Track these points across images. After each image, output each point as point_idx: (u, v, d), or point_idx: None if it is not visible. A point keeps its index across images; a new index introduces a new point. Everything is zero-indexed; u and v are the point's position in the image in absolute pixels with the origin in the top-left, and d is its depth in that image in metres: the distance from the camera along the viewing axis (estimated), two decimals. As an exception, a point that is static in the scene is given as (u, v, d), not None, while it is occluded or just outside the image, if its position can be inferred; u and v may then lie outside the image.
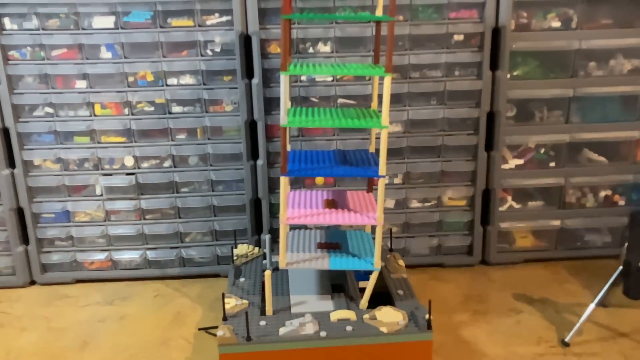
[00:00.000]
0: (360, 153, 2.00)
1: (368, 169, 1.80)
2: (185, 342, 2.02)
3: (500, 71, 2.30)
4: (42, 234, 2.43)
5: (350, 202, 1.94)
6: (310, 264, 1.81)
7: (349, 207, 1.90)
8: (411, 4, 2.24)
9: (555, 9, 2.29)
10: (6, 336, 2.10)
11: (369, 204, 1.93)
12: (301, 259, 1.83)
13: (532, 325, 2.05)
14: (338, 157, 1.95)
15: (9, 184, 2.34)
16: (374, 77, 2.02)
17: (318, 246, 1.92)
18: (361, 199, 1.98)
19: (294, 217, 1.81)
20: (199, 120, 2.34)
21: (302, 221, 1.80)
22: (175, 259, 2.47)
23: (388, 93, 1.64)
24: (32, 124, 2.31)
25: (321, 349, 1.65)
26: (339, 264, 1.80)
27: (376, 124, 1.70)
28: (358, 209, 1.88)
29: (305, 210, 1.86)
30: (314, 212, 1.85)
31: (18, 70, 2.26)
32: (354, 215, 1.81)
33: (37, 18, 2.21)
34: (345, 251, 1.88)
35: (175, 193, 2.41)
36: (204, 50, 2.28)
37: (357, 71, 1.72)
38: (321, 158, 1.94)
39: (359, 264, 1.80)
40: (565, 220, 2.50)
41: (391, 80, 2.21)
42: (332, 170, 1.81)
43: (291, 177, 1.97)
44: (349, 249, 1.90)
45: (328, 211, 1.86)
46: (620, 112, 2.42)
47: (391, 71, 1.63)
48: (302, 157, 1.94)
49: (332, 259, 1.81)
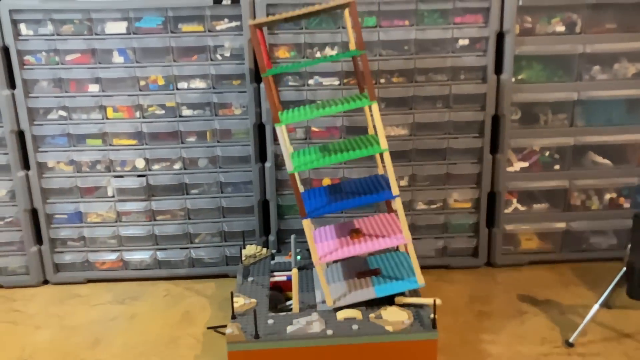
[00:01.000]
0: (369, 179, 2.04)
1: (382, 193, 1.83)
2: (194, 340, 2.06)
3: (505, 75, 2.33)
4: (55, 235, 2.48)
5: (375, 227, 1.97)
6: (356, 297, 1.82)
7: (375, 232, 1.92)
8: (417, 9, 2.28)
9: (559, 14, 2.32)
10: (21, 333, 2.15)
11: (392, 224, 1.95)
12: (346, 292, 1.85)
13: (536, 326, 2.07)
14: (350, 187, 1.98)
15: (23, 185, 2.39)
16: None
17: (358, 276, 1.95)
18: (384, 222, 2.00)
19: (326, 254, 1.82)
20: (209, 123, 2.38)
21: (334, 257, 1.81)
22: (184, 260, 2.52)
23: (378, 118, 1.72)
24: (47, 127, 2.37)
25: (328, 347, 1.68)
26: (384, 290, 1.83)
27: (377, 150, 1.76)
28: (384, 232, 1.90)
29: (334, 245, 1.88)
30: (344, 244, 1.87)
31: (33, 74, 2.32)
32: (382, 240, 1.84)
33: (52, 24, 2.28)
34: (387, 275, 1.92)
35: (185, 195, 2.46)
36: (213, 55, 2.33)
37: (345, 106, 1.76)
38: (333, 191, 1.98)
39: (403, 286, 1.84)
40: (570, 222, 2.51)
41: (397, 83, 2.25)
42: (348, 202, 1.82)
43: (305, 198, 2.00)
44: (389, 271, 1.94)
45: (357, 241, 1.88)
46: (624, 115, 2.44)
47: (375, 99, 1.71)
48: (315, 194, 1.97)
49: (377, 286, 1.85)
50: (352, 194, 1.90)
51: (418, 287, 1.83)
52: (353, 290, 1.86)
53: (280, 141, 1.72)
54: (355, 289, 1.86)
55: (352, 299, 1.81)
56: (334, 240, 1.92)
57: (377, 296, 1.81)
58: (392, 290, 1.82)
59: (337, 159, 1.77)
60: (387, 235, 1.86)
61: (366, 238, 1.88)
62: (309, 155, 1.86)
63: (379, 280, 1.89)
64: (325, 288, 1.79)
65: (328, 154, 1.83)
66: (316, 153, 1.87)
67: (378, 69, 2.33)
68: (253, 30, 1.72)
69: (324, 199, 1.90)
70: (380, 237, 1.86)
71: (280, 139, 1.72)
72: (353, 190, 1.95)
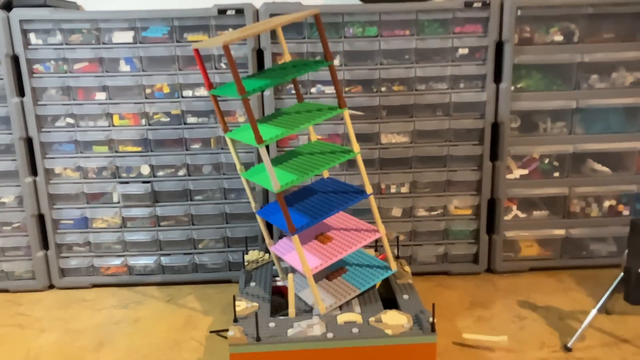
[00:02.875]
0: (325, 183, 2.06)
1: (359, 194, 1.87)
2: (197, 343, 2.09)
3: (504, 83, 2.37)
4: (61, 240, 2.52)
5: (335, 228, 1.99)
6: (343, 296, 1.86)
7: (341, 232, 1.94)
8: (417, 19, 2.32)
9: (557, 24, 2.36)
10: (26, 337, 2.18)
11: (351, 221, 2.00)
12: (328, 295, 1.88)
13: (535, 331, 2.09)
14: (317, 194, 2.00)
15: (31, 191, 2.44)
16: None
17: (328, 278, 1.98)
18: (340, 221, 2.03)
19: (317, 266, 1.82)
20: (213, 130, 2.43)
21: (323, 266, 1.82)
22: (188, 265, 2.55)
23: (349, 124, 1.80)
24: (54, 134, 2.42)
25: (328, 349, 1.71)
26: (364, 284, 1.87)
27: (351, 154, 1.82)
28: (351, 230, 1.93)
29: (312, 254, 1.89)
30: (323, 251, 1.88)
31: (42, 82, 2.37)
32: (358, 238, 1.87)
33: (61, 33, 2.33)
34: (355, 270, 1.95)
35: (189, 201, 2.50)
36: (217, 63, 2.38)
37: (321, 117, 1.79)
38: (309, 193, 2.01)
39: (379, 275, 1.87)
40: (570, 229, 2.54)
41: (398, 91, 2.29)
42: (332, 210, 1.83)
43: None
44: (354, 266, 1.98)
45: (332, 245, 1.89)
46: (623, 123, 2.47)
47: (345, 106, 1.77)
48: (294, 202, 1.99)
49: (355, 282, 1.89)
50: (329, 201, 1.91)
51: (392, 272, 1.88)
52: (333, 291, 1.89)
53: (265, 162, 1.70)
54: (336, 290, 1.89)
55: (341, 300, 1.84)
56: (307, 249, 1.93)
57: (361, 291, 1.85)
58: (372, 281, 1.87)
59: (318, 170, 1.78)
60: (361, 233, 1.89)
61: (338, 240, 1.90)
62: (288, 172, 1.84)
63: (351, 276, 1.92)
64: (319, 299, 1.82)
65: (309, 165, 1.84)
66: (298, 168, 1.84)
67: (379, 78, 2.37)
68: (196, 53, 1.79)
69: (302, 205, 1.93)
70: (352, 236, 1.88)
71: (265, 160, 1.70)
72: (323, 196, 1.97)
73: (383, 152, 2.44)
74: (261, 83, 1.73)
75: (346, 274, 1.97)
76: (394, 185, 2.49)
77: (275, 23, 1.71)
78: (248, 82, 1.83)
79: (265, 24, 1.75)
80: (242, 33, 1.68)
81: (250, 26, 1.76)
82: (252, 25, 1.76)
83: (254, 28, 1.72)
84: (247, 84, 1.80)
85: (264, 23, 1.79)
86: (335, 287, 1.92)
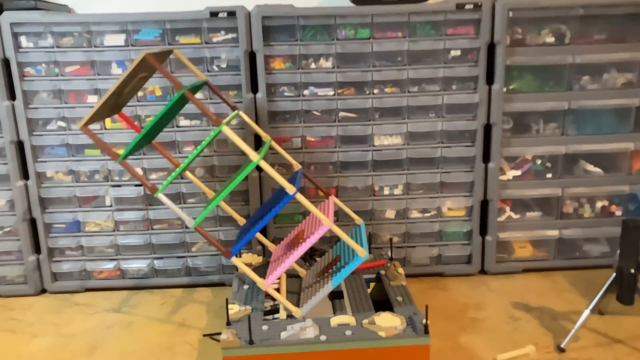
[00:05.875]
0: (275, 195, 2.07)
1: (284, 196, 1.86)
2: (190, 347, 2.08)
3: (496, 85, 2.38)
4: (54, 244, 2.51)
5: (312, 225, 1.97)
6: (320, 295, 1.83)
7: (311, 230, 1.92)
8: (409, 21, 2.33)
9: (549, 25, 2.37)
10: (18, 342, 2.17)
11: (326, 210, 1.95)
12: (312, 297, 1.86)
13: (529, 332, 2.09)
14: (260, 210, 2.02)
15: (22, 195, 2.43)
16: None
17: (324, 271, 1.97)
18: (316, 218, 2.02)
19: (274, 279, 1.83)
20: (206, 133, 2.42)
21: (277, 275, 1.82)
22: (181, 268, 2.54)
23: (234, 137, 1.72)
24: (46, 137, 2.41)
25: (321, 352, 1.70)
26: (338, 278, 1.85)
27: (252, 165, 1.78)
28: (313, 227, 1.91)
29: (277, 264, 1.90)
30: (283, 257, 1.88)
31: (33, 86, 2.36)
32: (311, 235, 1.84)
33: (52, 36, 2.32)
34: (344, 260, 1.94)
35: (182, 204, 2.49)
36: (210, 66, 2.38)
37: (205, 143, 1.82)
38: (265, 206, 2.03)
39: (351, 266, 1.84)
40: (563, 230, 2.54)
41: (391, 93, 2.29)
42: (261, 223, 1.84)
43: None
44: (345, 255, 1.96)
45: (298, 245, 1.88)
46: (614, 124, 2.48)
47: (219, 124, 1.73)
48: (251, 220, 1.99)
49: (334, 277, 1.87)
50: (264, 211, 1.93)
51: (363, 259, 1.82)
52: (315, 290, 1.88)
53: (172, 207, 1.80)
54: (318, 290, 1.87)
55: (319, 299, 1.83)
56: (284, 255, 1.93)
57: (334, 286, 1.82)
58: (343, 275, 1.83)
59: (225, 193, 1.80)
60: (314, 229, 1.87)
61: (305, 239, 1.89)
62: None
63: (338, 268, 1.91)
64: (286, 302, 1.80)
65: (217, 196, 1.85)
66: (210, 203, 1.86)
67: (372, 80, 2.37)
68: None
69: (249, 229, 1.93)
70: (310, 235, 1.87)
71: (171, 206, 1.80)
72: (262, 211, 1.99)
73: (376, 154, 2.45)
74: (131, 147, 1.81)
75: (336, 265, 1.95)
76: (387, 187, 2.49)
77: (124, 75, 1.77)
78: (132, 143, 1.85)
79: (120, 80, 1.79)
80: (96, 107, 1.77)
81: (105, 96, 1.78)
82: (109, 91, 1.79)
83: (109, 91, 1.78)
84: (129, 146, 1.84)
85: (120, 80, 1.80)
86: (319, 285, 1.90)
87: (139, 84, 1.99)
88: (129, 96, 2.01)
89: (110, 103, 1.85)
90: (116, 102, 1.92)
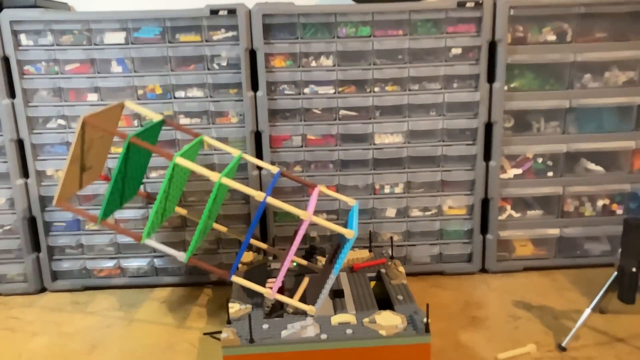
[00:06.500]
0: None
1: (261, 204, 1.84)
2: (190, 346, 2.08)
3: (497, 83, 2.37)
4: (53, 242, 2.50)
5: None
6: (327, 287, 1.83)
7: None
8: (410, 19, 2.32)
9: (550, 23, 2.36)
10: (18, 340, 2.16)
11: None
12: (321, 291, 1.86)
13: (530, 331, 2.08)
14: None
15: (22, 193, 2.42)
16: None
17: (329, 261, 1.97)
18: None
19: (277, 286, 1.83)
20: (206, 131, 2.42)
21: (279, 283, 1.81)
22: (182, 267, 2.54)
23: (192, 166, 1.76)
24: (46, 136, 2.40)
25: (322, 351, 1.70)
26: (337, 266, 1.83)
27: (217, 185, 1.77)
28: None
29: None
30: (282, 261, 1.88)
31: (33, 84, 2.35)
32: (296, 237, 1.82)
33: (52, 34, 2.32)
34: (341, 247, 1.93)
35: (182, 202, 2.48)
36: (210, 64, 2.37)
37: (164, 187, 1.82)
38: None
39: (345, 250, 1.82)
40: (564, 229, 2.54)
41: (391, 91, 2.28)
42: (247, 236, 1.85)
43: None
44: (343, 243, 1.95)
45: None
46: (616, 122, 2.47)
47: (170, 158, 1.74)
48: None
49: (335, 267, 1.86)
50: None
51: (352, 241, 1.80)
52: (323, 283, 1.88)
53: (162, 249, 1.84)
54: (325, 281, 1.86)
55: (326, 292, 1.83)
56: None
57: (335, 275, 1.81)
58: (340, 262, 1.82)
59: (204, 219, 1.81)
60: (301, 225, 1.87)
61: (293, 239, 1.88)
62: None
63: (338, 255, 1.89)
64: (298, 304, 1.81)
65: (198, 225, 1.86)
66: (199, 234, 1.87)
67: (372, 78, 2.36)
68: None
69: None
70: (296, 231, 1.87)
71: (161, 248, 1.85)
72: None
73: (377, 152, 2.44)
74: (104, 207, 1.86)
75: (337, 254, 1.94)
76: (387, 186, 2.49)
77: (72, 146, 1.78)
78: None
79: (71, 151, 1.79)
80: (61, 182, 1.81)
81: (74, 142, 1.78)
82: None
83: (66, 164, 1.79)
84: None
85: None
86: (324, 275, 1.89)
87: (103, 142, 1.95)
88: (101, 157, 1.99)
89: (77, 172, 1.84)
90: (89, 167, 1.91)
